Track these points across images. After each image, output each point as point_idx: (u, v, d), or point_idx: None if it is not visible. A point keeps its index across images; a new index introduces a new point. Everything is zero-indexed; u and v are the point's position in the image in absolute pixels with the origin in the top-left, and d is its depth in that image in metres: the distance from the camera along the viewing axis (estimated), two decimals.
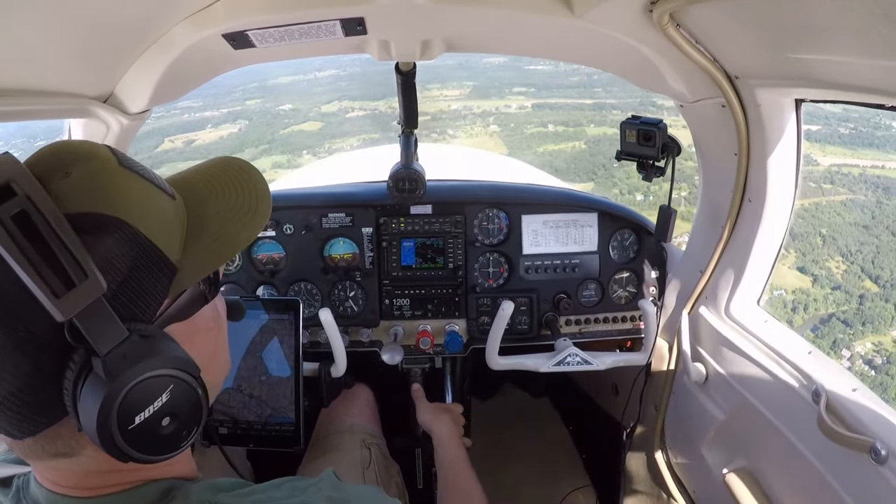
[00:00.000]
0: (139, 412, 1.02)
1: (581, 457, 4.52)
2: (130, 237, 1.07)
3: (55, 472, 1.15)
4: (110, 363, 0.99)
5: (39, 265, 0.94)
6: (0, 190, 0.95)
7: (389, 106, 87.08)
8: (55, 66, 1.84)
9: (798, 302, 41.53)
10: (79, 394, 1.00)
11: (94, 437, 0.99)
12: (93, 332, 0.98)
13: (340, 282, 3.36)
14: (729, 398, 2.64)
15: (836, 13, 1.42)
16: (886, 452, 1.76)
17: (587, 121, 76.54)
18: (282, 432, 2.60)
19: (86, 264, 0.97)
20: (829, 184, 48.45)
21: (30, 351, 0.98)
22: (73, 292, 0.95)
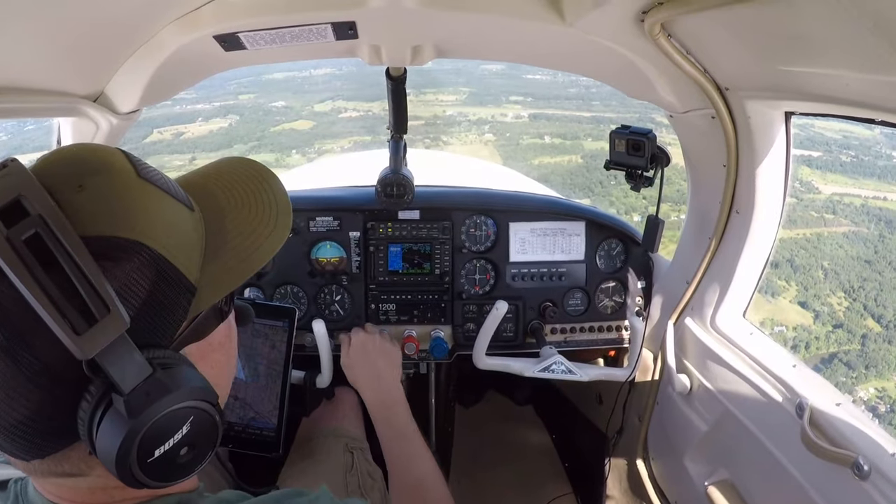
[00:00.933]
0: (159, 446, 0.99)
1: (564, 465, 4.51)
2: (150, 261, 1.02)
3: (59, 488, 1.12)
4: (133, 401, 0.95)
5: (57, 298, 0.89)
6: (9, 206, 0.90)
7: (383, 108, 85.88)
8: (45, 65, 1.83)
9: (799, 339, 41.12)
10: (96, 426, 0.95)
11: (112, 468, 0.95)
12: (115, 370, 0.94)
13: (327, 285, 3.35)
14: (713, 410, 2.64)
15: (827, 26, 1.43)
16: (869, 468, 1.77)
17: (584, 134, 75.81)
18: (262, 437, 2.59)
19: (108, 297, 0.92)
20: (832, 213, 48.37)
21: (44, 383, 0.94)
22: (95, 329, 0.91)
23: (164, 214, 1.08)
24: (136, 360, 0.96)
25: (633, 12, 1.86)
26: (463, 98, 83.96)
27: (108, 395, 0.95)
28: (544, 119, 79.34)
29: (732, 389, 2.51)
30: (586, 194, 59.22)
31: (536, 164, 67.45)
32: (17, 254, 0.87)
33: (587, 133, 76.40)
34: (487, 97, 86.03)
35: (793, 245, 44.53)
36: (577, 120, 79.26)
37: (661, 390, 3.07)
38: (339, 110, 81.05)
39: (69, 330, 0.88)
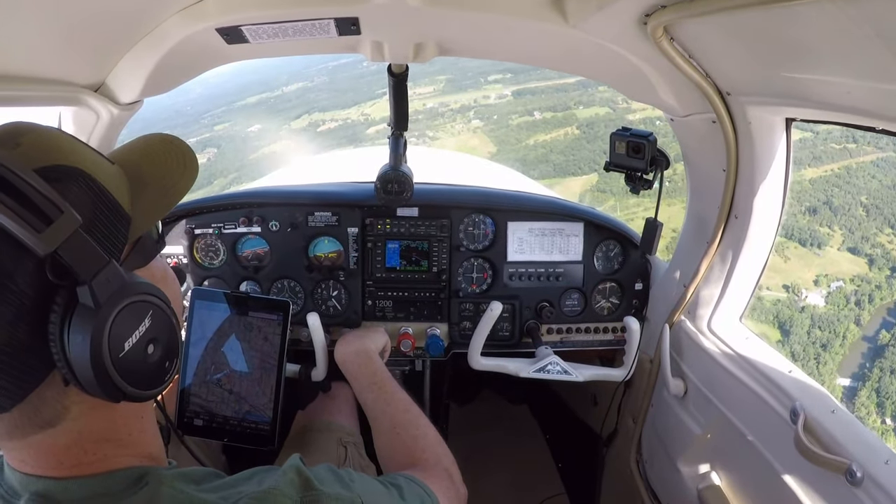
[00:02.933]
0: (127, 337, 1.10)
1: (557, 466, 4.52)
2: (91, 185, 1.16)
3: (34, 449, 1.15)
4: (97, 288, 1.05)
5: (14, 207, 0.98)
6: None
7: (361, 112, 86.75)
8: (47, 54, 1.83)
9: (861, 293, 40.42)
10: (67, 332, 1.04)
11: (88, 374, 1.04)
12: (76, 260, 1.04)
13: (324, 281, 3.35)
14: (707, 413, 2.64)
15: (831, 34, 1.43)
16: (862, 474, 1.77)
17: (574, 102, 75.54)
18: (257, 430, 2.59)
19: (58, 201, 1.03)
20: (853, 143, 47.49)
21: (13, 301, 1.01)
22: (53, 226, 1.01)
23: (90, 154, 1.24)
24: (93, 249, 1.08)
25: (636, 15, 1.86)
26: (441, 87, 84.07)
27: (73, 296, 1.06)
28: (528, 94, 78.90)
29: (727, 393, 2.52)
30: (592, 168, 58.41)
31: (532, 144, 66.37)
32: None
33: (577, 101, 75.39)
34: (466, 82, 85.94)
35: (824, 185, 43.63)
36: (563, 88, 78.24)
37: (656, 393, 3.07)
38: (316, 124, 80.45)
39: (30, 229, 0.99)
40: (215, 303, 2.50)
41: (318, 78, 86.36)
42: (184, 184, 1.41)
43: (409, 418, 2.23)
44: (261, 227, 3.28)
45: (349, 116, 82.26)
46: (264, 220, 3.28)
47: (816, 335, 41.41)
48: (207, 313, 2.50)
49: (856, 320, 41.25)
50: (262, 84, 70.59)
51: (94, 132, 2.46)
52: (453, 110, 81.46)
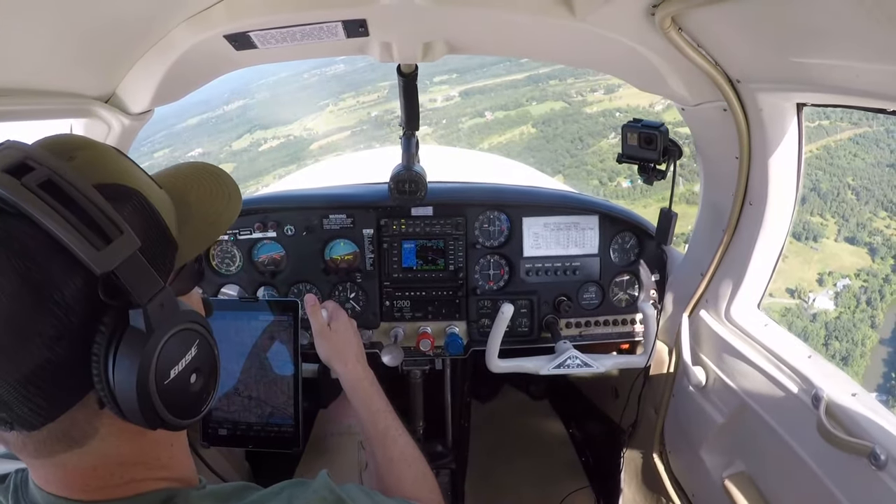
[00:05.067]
0: (174, 365, 1.09)
1: (580, 459, 4.52)
2: (145, 206, 1.14)
3: (60, 470, 1.12)
4: (151, 311, 1.04)
5: (75, 223, 0.96)
6: (17, 165, 0.98)
7: (304, 127, 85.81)
8: (57, 66, 1.84)
9: (871, 290, 39.03)
10: (113, 354, 1.01)
11: (131, 399, 1.02)
12: (132, 283, 1.02)
13: (341, 283, 3.36)
14: (728, 402, 2.64)
15: (839, 17, 1.42)
16: (886, 457, 1.76)
17: (526, 99, 74.28)
18: (281, 433, 2.60)
19: (119, 221, 1.02)
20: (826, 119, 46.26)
21: (59, 316, 0.98)
22: (112, 246, 0.99)
23: (143, 176, 1.23)
24: (150, 273, 1.06)
25: (643, 6, 1.86)
26: (385, 94, 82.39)
27: (123, 318, 1.03)
28: (477, 93, 77.26)
29: (748, 381, 2.51)
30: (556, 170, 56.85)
31: (487, 147, 64.34)
32: (35, 194, 0.95)
33: (529, 97, 74.07)
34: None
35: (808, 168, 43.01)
36: (513, 85, 77.15)
37: (677, 383, 3.07)
38: (258, 143, 79.53)
39: (89, 246, 0.97)
40: (225, 311, 2.53)
41: (259, 94, 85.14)
42: (228, 216, 1.41)
43: (418, 454, 2.19)
44: (276, 232, 3.29)
45: (292, 132, 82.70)
46: (279, 225, 3.29)
47: (835, 348, 39.79)
48: (219, 323, 2.52)
49: (871, 323, 39.95)
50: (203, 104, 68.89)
51: (107, 143, 2.48)
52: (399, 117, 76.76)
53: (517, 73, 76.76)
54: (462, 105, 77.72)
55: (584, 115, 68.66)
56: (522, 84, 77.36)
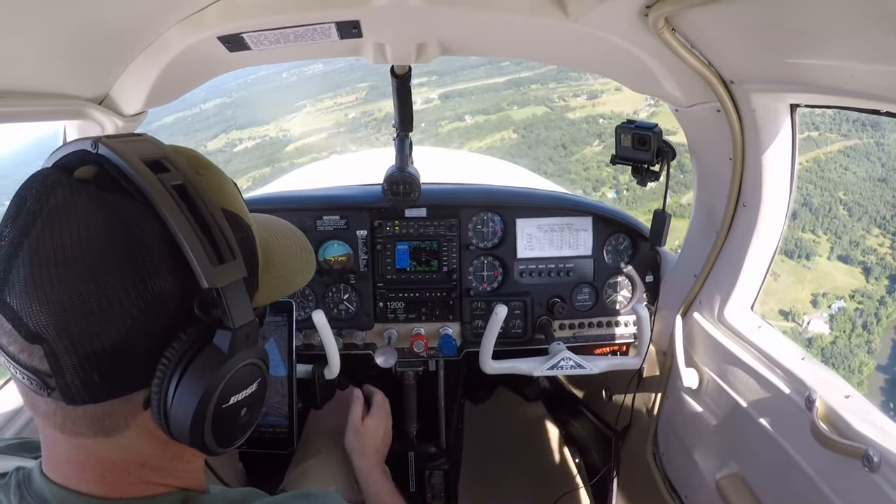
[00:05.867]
0: (236, 393, 1.11)
1: (574, 461, 4.52)
2: (251, 243, 1.22)
3: (80, 453, 1.11)
4: (238, 338, 1.07)
5: (199, 235, 1.02)
6: (155, 163, 1.05)
7: (280, 128, 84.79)
8: (50, 68, 1.84)
9: (867, 313, 38.05)
10: (186, 364, 1.04)
11: (186, 410, 1.04)
12: (232, 306, 1.05)
13: (335, 284, 3.36)
14: (722, 404, 2.64)
15: (832, 18, 1.43)
16: (879, 459, 1.76)
17: (507, 103, 73.56)
18: (275, 434, 2.60)
19: (235, 247, 1.08)
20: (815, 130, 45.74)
21: (151, 309, 1.01)
22: (227, 266, 1.04)
23: (248, 213, 1.28)
24: (247, 304, 1.10)
25: (636, 7, 1.86)
26: (363, 95, 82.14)
27: (208, 334, 1.06)
28: (457, 96, 76.51)
29: (741, 383, 2.51)
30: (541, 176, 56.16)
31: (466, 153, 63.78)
32: (169, 193, 1.02)
33: (510, 101, 73.17)
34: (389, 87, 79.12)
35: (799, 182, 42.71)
36: (494, 88, 76.28)
37: (670, 385, 3.07)
38: (233, 143, 78.53)
39: (206, 259, 1.01)
40: None
41: (236, 93, 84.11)
42: (301, 279, 1.45)
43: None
44: None
45: (268, 133, 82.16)
46: None
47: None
48: None
49: (868, 348, 38.93)
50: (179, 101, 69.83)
51: None
52: (377, 119, 78.70)
53: (498, 76, 76.20)
54: (441, 108, 77.32)
55: (567, 121, 68.26)
56: (504, 87, 77.01)
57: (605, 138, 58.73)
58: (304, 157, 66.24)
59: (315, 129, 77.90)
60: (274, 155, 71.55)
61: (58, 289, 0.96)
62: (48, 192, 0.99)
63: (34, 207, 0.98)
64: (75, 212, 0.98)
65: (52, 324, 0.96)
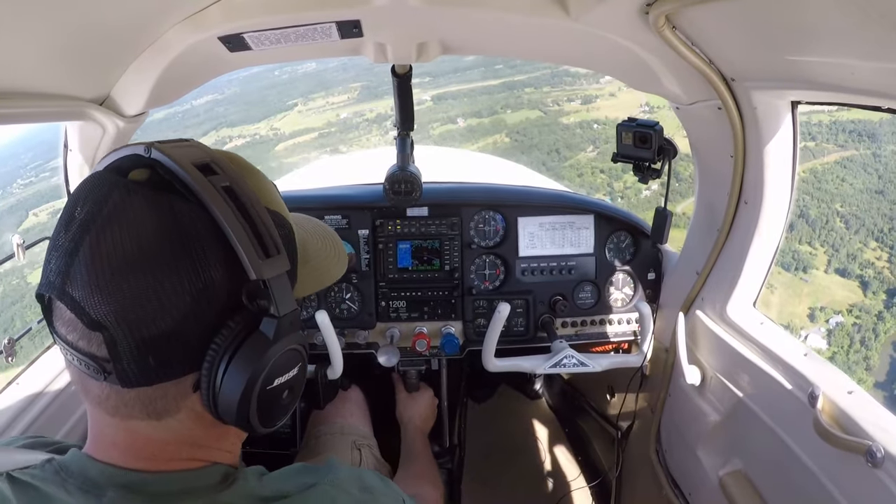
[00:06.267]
0: (280, 376, 1.18)
1: (577, 458, 4.52)
2: (292, 240, 1.32)
3: (130, 436, 1.16)
4: (283, 325, 1.13)
5: (248, 231, 1.10)
6: (204, 166, 1.13)
7: (271, 127, 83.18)
8: (51, 69, 1.84)
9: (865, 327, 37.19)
10: (234, 349, 1.10)
11: (234, 393, 1.10)
12: (278, 296, 1.13)
13: (337, 284, 3.35)
14: (725, 400, 2.64)
15: (833, 15, 1.43)
16: (882, 455, 1.76)
17: (501, 106, 72.86)
18: (277, 434, 2.60)
19: (279, 244, 1.16)
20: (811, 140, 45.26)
21: (203, 298, 1.08)
22: (272, 259, 1.12)
23: (289, 214, 1.38)
24: (290, 294, 1.17)
25: (637, 5, 1.86)
26: (356, 95, 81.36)
27: (254, 322, 1.13)
28: (450, 98, 75.85)
29: (744, 380, 2.51)
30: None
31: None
32: (219, 193, 1.09)
33: (503, 104, 72.37)
34: (382, 88, 77.41)
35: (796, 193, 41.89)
36: (487, 91, 75.59)
37: (673, 382, 3.07)
38: (223, 141, 77.19)
39: (254, 253, 1.09)
40: None
41: (228, 89, 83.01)
42: (335, 272, 1.55)
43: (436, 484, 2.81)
44: None
45: (258, 131, 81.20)
46: None
47: None
48: None
49: (866, 365, 37.34)
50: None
51: (101, 146, 2.48)
52: (368, 120, 77.82)
53: (492, 78, 74.86)
54: (434, 110, 75.77)
55: (561, 126, 67.23)
56: (497, 90, 75.80)
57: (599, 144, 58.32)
58: (294, 157, 65.44)
59: (305, 128, 77.04)
60: (263, 154, 70.78)
61: (118, 280, 1.03)
62: (107, 194, 1.06)
63: (93, 208, 1.05)
64: (132, 211, 1.06)
65: (112, 312, 1.03)
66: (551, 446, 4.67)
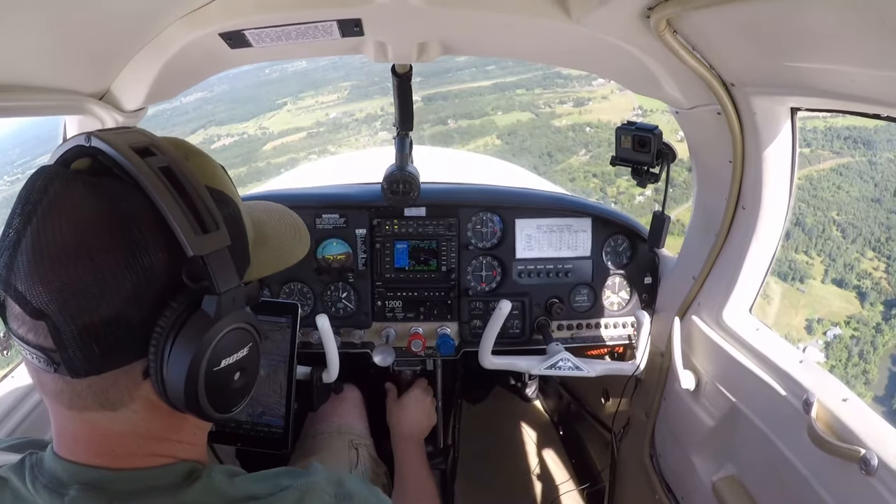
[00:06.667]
0: (226, 356, 1.17)
1: (571, 461, 4.52)
2: (237, 218, 1.31)
3: (89, 427, 1.17)
4: (224, 302, 1.13)
5: (183, 208, 1.09)
6: (143, 149, 1.13)
7: (259, 126, 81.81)
8: (51, 63, 1.84)
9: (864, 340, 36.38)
10: (177, 331, 1.10)
11: (179, 375, 1.10)
12: (217, 272, 1.12)
13: (333, 283, 3.36)
14: (719, 406, 2.64)
15: (833, 22, 1.43)
16: (876, 463, 1.76)
17: (492, 108, 72.25)
18: (270, 434, 2.60)
19: (219, 219, 1.16)
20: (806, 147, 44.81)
21: (142, 280, 1.08)
22: (209, 236, 1.12)
23: (237, 195, 1.38)
24: (232, 270, 1.17)
25: (638, 9, 1.86)
26: (345, 95, 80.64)
27: (196, 301, 1.13)
28: (440, 99, 75.23)
29: (739, 385, 2.51)
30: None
31: None
32: (154, 173, 1.09)
33: (494, 105, 71.86)
34: (372, 88, 78.29)
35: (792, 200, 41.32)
36: (478, 92, 74.96)
37: (668, 386, 3.07)
38: (211, 139, 76.46)
39: (190, 230, 1.09)
40: None
41: (217, 87, 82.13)
42: (297, 252, 1.57)
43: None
44: None
45: (247, 130, 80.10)
46: None
47: None
48: None
49: (865, 379, 36.17)
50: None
51: None
52: (358, 121, 76.77)
53: (483, 80, 73.99)
54: (424, 111, 73.88)
55: (553, 129, 66.49)
56: (488, 92, 74.75)
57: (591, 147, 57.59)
58: (282, 157, 64.77)
59: (294, 127, 76.22)
60: (251, 154, 70.14)
61: (57, 268, 1.03)
62: (47, 184, 1.07)
63: (35, 198, 1.06)
64: (70, 199, 1.06)
65: (53, 300, 1.03)
66: (545, 448, 4.67)
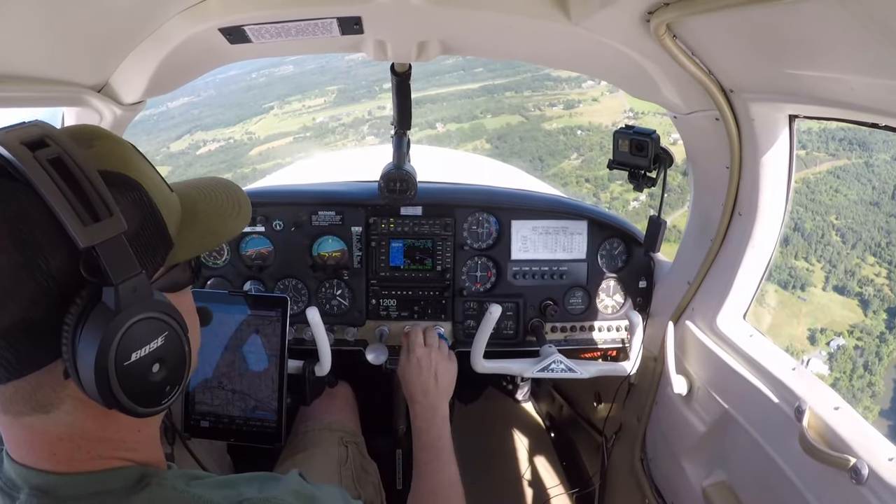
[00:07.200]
0: (137, 349, 1.12)
1: (561, 464, 4.52)
2: (144, 201, 1.21)
3: (27, 432, 1.16)
4: (122, 293, 1.08)
5: (70, 199, 1.04)
6: (35, 142, 1.07)
7: (245, 131, 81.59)
8: (50, 54, 1.83)
9: (867, 351, 35.95)
10: (82, 327, 1.06)
11: (89, 372, 1.06)
12: (111, 262, 1.07)
13: (328, 280, 3.36)
14: (711, 411, 2.64)
15: (833, 30, 1.43)
16: (867, 472, 1.76)
17: (481, 111, 71.93)
18: (263, 428, 2.60)
19: (111, 203, 1.09)
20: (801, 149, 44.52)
21: (41, 281, 1.04)
22: (99, 224, 1.06)
23: (154, 177, 1.31)
24: (129, 258, 1.11)
25: (638, 13, 1.86)
26: (332, 99, 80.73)
27: (97, 294, 1.09)
28: (429, 102, 74.80)
29: (732, 391, 2.51)
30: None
31: None
32: (42, 166, 1.04)
33: (483, 109, 71.39)
34: (359, 91, 78.72)
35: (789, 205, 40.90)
36: (467, 95, 74.66)
37: (661, 391, 3.07)
38: (196, 145, 77.03)
39: (77, 220, 1.03)
40: (213, 304, 2.48)
41: (204, 92, 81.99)
42: (231, 228, 1.49)
43: (446, 494, 2.41)
44: (264, 227, 3.29)
45: (233, 135, 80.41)
46: (268, 220, 3.28)
47: None
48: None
49: (871, 392, 35.85)
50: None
51: None
52: (345, 125, 77.24)
53: (471, 82, 76.03)
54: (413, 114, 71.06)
55: (543, 132, 66.57)
56: (477, 94, 75.19)
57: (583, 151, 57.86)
58: (267, 163, 64.50)
59: (280, 132, 75.74)
60: (237, 159, 69.65)
61: None
62: None
63: None
64: None
65: None
66: (536, 451, 4.67)
